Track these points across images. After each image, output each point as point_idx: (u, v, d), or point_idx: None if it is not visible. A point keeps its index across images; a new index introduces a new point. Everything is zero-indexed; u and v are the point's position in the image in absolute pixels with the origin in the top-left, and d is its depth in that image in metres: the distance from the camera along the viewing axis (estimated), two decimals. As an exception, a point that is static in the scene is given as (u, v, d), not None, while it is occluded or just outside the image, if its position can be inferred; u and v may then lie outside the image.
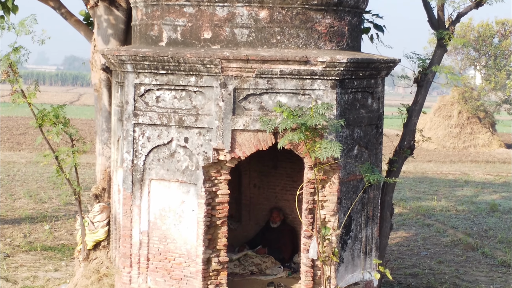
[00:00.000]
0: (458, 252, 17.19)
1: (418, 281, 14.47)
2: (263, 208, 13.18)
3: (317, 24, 10.57)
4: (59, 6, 12.59)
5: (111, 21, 11.99)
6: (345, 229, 10.80)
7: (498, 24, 51.87)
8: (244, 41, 10.39)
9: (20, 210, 20.17)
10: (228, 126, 10.12)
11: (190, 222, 10.41)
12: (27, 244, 16.30)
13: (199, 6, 10.42)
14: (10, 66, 11.03)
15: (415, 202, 23.92)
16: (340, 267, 10.81)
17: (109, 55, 10.97)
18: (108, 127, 12.18)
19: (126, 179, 10.76)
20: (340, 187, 10.57)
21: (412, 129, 12.51)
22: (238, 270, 11.91)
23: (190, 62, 10.11)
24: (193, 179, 10.33)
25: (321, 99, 10.22)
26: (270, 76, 10.13)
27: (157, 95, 10.54)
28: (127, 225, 10.82)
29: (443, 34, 12.28)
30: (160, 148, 10.53)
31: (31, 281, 13.45)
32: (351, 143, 10.71)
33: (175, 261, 10.56)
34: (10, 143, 40.24)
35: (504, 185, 29.45)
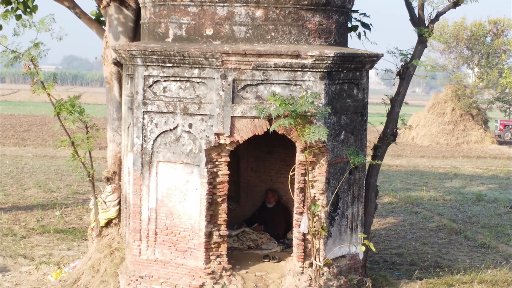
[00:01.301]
0: (442, 236, 18.40)
1: (402, 260, 15.69)
2: (260, 189, 14.41)
3: (308, 22, 11.79)
4: (73, 6, 13.80)
5: (121, 19, 13.20)
6: (333, 207, 12.02)
7: (490, 23, 53.07)
8: (242, 37, 11.61)
9: (31, 198, 21.40)
10: (228, 113, 11.34)
11: (194, 199, 11.62)
12: (40, 227, 17.54)
13: (202, 6, 11.64)
14: (31, 60, 12.19)
15: (405, 192, 25.14)
16: (329, 241, 12.02)
17: (120, 50, 12.19)
18: (118, 116, 13.39)
19: (136, 162, 11.98)
20: (328, 169, 11.79)
21: (394, 118, 13.69)
22: (237, 245, 13.13)
23: (194, 56, 11.32)
24: (196, 161, 11.54)
25: (310, 89, 11.44)
26: (265, 68, 11.35)
27: (164, 85, 11.75)
28: (137, 203, 12.04)
29: (423, 31, 13.50)
30: (166, 133, 11.74)
31: (47, 258, 14.67)
32: (338, 129, 11.93)
33: (180, 234, 11.77)
34: (15, 139, 41.34)
35: (492, 178, 30.69)
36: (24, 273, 13.66)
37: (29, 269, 13.89)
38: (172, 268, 11.78)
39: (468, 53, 53.75)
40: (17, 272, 13.76)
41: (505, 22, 52.66)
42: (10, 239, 16.27)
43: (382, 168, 32.37)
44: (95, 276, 12.58)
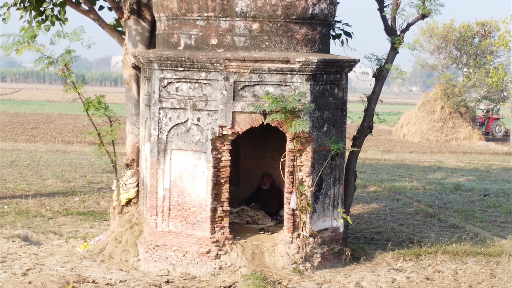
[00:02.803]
0: (418, 218, 20.77)
1: (380, 236, 18.07)
2: (256, 174, 16.81)
3: (296, 33, 14.18)
4: (98, 18, 16.17)
5: (139, 30, 15.58)
6: (317, 187, 14.40)
7: (478, 25, 55.38)
8: (241, 46, 13.99)
9: (51, 187, 23.79)
10: (230, 109, 13.72)
11: (201, 181, 14.00)
12: (64, 210, 19.92)
13: (208, 20, 14.02)
14: (65, 65, 14.55)
15: (390, 182, 27.50)
16: (314, 216, 14.42)
17: (139, 56, 14.58)
18: (136, 112, 15.76)
19: (153, 149, 14.36)
20: (313, 155, 14.18)
21: (370, 113, 16.07)
22: (237, 221, 15.51)
23: (202, 62, 13.71)
24: (203, 149, 13.93)
25: (298, 89, 13.83)
26: (260, 72, 13.74)
27: (176, 86, 14.13)
28: (154, 184, 14.42)
29: (395, 40, 15.88)
30: (179, 125, 14.11)
31: (74, 234, 17.06)
32: (321, 122, 14.32)
33: (190, 210, 14.16)
34: (25, 135, 43.60)
35: (473, 170, 33.09)
36: (56, 245, 16.04)
37: (60, 242, 16.27)
38: (183, 238, 14.17)
39: (457, 54, 56.03)
40: (50, 245, 16.14)
41: (492, 24, 54.95)
42: (39, 219, 18.66)
43: (371, 161, 35.11)
44: (117, 246, 14.96)
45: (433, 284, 13.95)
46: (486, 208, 22.66)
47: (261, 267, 13.84)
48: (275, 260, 14.07)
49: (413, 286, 13.76)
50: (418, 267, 15.03)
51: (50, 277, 13.22)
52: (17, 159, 30.59)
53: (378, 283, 13.78)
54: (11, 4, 15.52)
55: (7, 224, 17.84)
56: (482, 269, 15.08)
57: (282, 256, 14.10)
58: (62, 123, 53.60)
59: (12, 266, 14.12)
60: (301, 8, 13.99)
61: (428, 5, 15.99)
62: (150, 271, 14.12)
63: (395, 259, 15.48)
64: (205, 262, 13.90)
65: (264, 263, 13.97)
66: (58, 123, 53.65)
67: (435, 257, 15.78)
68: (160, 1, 14.44)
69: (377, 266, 14.98)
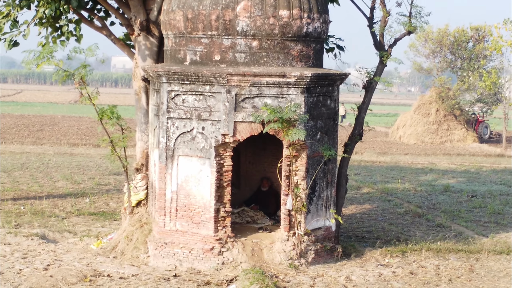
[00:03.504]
0: (407, 218, 22.17)
1: (371, 235, 19.47)
2: (256, 178, 18.21)
3: (291, 50, 15.58)
4: (110, 34, 17.56)
5: (148, 45, 16.97)
6: (311, 190, 15.80)
7: (472, 29, 56.79)
8: (242, 62, 15.39)
9: (62, 188, 25.19)
10: (231, 119, 15.11)
11: (206, 184, 15.40)
12: (76, 210, 21.32)
13: (212, 38, 15.42)
14: (81, 78, 15.93)
15: (383, 184, 28.89)
16: (308, 216, 15.81)
17: (149, 70, 15.98)
18: (145, 120, 17.15)
19: (161, 155, 15.75)
20: (307, 161, 15.57)
21: (361, 122, 17.45)
22: (238, 220, 16.91)
23: (206, 76, 15.11)
24: (207, 155, 15.32)
25: (293, 101, 15.21)
26: (259, 85, 15.13)
27: (183, 98, 15.52)
28: (162, 187, 15.81)
29: (383, 54, 17.27)
30: (185, 134, 15.50)
31: (87, 233, 18.45)
32: (315, 131, 15.72)
33: (195, 210, 15.55)
34: (31, 138, 44.82)
35: (464, 172, 34.49)
36: (71, 243, 17.44)
37: (75, 240, 17.67)
38: (189, 236, 15.56)
39: (452, 58, 57.44)
40: (66, 243, 17.54)
41: (486, 29, 56.37)
42: (54, 219, 20.07)
43: (366, 163, 36.53)
44: (129, 244, 16.36)
45: (416, 278, 15.36)
46: (472, 208, 24.07)
47: (260, 262, 15.24)
48: (272, 256, 15.46)
49: (398, 280, 15.16)
50: (404, 263, 16.43)
51: (69, 272, 14.63)
52: (27, 161, 31.98)
53: (366, 277, 15.18)
54: (30, 22, 16.87)
55: (25, 224, 19.25)
56: (462, 265, 16.48)
57: (279, 252, 15.49)
58: (66, 125, 54.87)
59: (33, 262, 15.52)
60: (297, 27, 15.39)
61: (414, 22, 17.39)
62: (159, 266, 15.51)
63: (383, 256, 16.87)
64: (209, 258, 15.30)
65: (262, 259, 15.36)
66: (62, 125, 54.91)
67: (420, 254, 17.17)
68: (168, 20, 15.84)
69: (366, 262, 16.37)
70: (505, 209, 24.06)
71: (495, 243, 18.64)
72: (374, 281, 15.00)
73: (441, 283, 15.08)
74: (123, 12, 17.49)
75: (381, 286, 14.68)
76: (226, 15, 15.22)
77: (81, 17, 17.32)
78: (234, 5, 15.19)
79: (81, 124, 56.57)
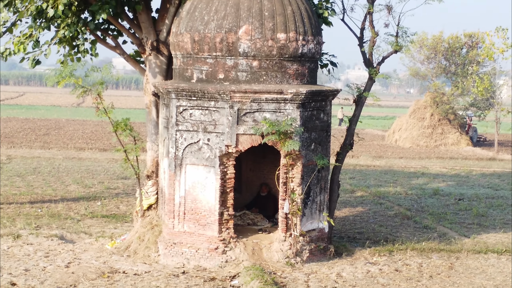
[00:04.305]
0: (396, 220, 23.86)
1: (361, 236, 21.16)
2: (256, 183, 19.91)
3: (288, 69, 17.28)
4: (123, 53, 19.25)
5: (158, 63, 18.66)
6: (306, 195, 17.49)
7: (466, 36, 58.53)
8: (243, 80, 17.09)
9: (74, 192, 26.90)
10: (234, 131, 16.81)
11: (211, 190, 17.09)
12: (89, 213, 23.01)
13: (216, 58, 17.12)
14: (98, 94, 17.61)
15: (376, 188, 30.59)
16: (303, 218, 17.50)
17: (159, 87, 17.68)
18: (155, 131, 18.83)
19: (170, 164, 17.45)
20: (302, 169, 17.26)
21: (351, 133, 19.15)
22: (239, 222, 18.60)
23: (211, 93, 16.80)
24: (212, 164, 17.01)
25: (290, 115, 16.91)
26: (259, 101, 16.82)
27: (190, 112, 17.21)
28: (171, 192, 17.50)
29: (372, 71, 18.96)
30: (192, 145, 17.19)
31: (101, 234, 20.13)
32: (309, 142, 17.41)
33: (201, 214, 17.24)
34: (39, 142, 46.32)
35: (454, 176, 36.19)
36: (87, 243, 19.13)
37: (91, 241, 19.35)
38: (196, 237, 17.25)
39: (446, 64, 59.15)
40: (82, 243, 19.22)
41: (479, 36, 58.07)
42: (70, 221, 21.76)
43: (361, 167, 38.28)
44: (141, 244, 18.05)
45: (401, 274, 17.05)
46: (458, 211, 25.78)
47: (260, 260, 16.93)
48: (271, 255, 17.14)
49: (384, 276, 16.85)
50: (390, 261, 18.13)
51: (88, 269, 16.33)
52: (38, 166, 33.67)
53: (355, 274, 16.88)
54: (50, 42, 18.53)
55: (44, 225, 20.95)
56: (443, 263, 18.17)
57: (277, 251, 17.17)
58: (71, 129, 56.46)
59: (55, 260, 17.21)
60: (293, 48, 17.09)
61: (401, 41, 19.11)
62: (169, 264, 17.20)
63: (372, 255, 18.56)
64: (214, 256, 16.99)
65: (262, 258, 17.05)
66: (68, 129, 56.50)
67: (405, 253, 18.87)
68: (177, 42, 17.55)
69: (356, 260, 18.07)
70: (489, 212, 25.76)
71: (475, 243, 20.33)
72: (362, 277, 16.68)
73: (422, 279, 16.77)
74: (134, 32, 19.15)
75: (368, 282, 16.36)
76: (229, 38, 16.91)
77: (97, 37, 18.99)
78: (236, 29, 16.89)
79: (86, 128, 58.19)
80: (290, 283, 15.95)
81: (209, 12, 17.10)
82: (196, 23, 17.19)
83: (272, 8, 17.01)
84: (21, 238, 19.01)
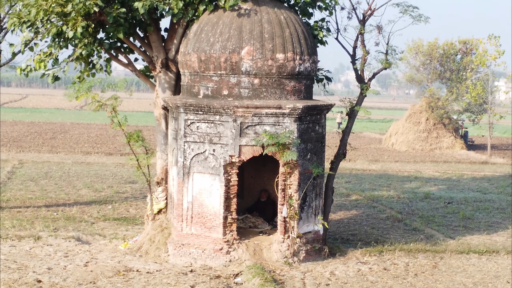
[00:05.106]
0: (388, 223, 25.56)
1: (354, 238, 22.86)
2: (257, 189, 21.64)
3: (286, 86, 18.99)
4: (134, 69, 20.97)
5: (167, 79, 20.37)
6: (302, 200, 19.19)
7: (460, 43, 60.20)
8: (246, 96, 18.80)
9: (85, 196, 28.61)
10: (237, 143, 18.52)
11: (216, 196, 18.79)
12: (101, 216, 24.73)
13: (221, 76, 18.83)
14: (113, 109, 19.31)
15: (370, 192, 32.29)
16: (300, 222, 19.20)
17: (168, 102, 19.39)
18: (164, 142, 20.54)
19: (179, 172, 19.16)
20: (299, 177, 18.96)
21: (344, 143, 20.86)
22: (242, 225, 20.31)
23: (216, 108, 18.51)
24: (217, 172, 18.71)
25: (288, 128, 18.61)
26: (260, 115, 18.53)
27: (197, 125, 18.91)
28: (180, 198, 19.21)
29: (363, 87, 20.67)
30: (199, 155, 18.89)
31: (114, 235, 21.84)
32: (305, 152, 19.12)
33: (207, 217, 18.94)
34: (47, 146, 47.84)
35: (445, 180, 37.89)
36: (102, 244, 20.83)
37: (105, 242, 21.06)
38: (202, 238, 18.96)
39: (441, 69, 60.84)
40: (97, 244, 20.92)
41: (473, 42, 59.76)
42: (84, 224, 23.49)
43: (357, 171, 40.05)
44: (152, 245, 19.75)
45: (388, 273, 18.76)
46: (446, 214, 27.49)
47: (260, 260, 18.64)
48: (271, 255, 18.85)
49: (373, 274, 18.56)
50: (379, 261, 19.83)
51: (105, 267, 18.05)
52: (49, 170, 35.39)
53: (347, 272, 18.59)
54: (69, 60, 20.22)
55: (61, 228, 22.67)
56: (428, 262, 19.88)
57: (276, 252, 18.88)
58: (76, 133, 58.02)
59: (74, 260, 18.92)
60: (290, 67, 18.81)
61: (390, 58, 20.83)
62: (178, 263, 18.90)
63: (363, 255, 20.26)
64: (219, 256, 18.69)
65: (262, 257, 18.76)
66: (73, 133, 58.05)
67: (394, 253, 20.58)
68: (185, 61, 19.27)
69: (348, 260, 19.77)
70: (475, 215, 27.48)
71: (459, 244, 22.05)
72: (353, 275, 18.39)
73: (408, 277, 18.48)
74: (145, 50, 20.84)
75: (358, 280, 18.07)
76: (233, 58, 18.62)
77: (111, 55, 20.69)
78: (239, 50, 18.60)
79: (91, 131, 59.77)
80: (288, 281, 17.64)
81: (214, 34, 18.82)
82: (202, 44, 18.90)
83: (271, 30, 18.71)
84: (42, 240, 20.72)
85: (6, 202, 26.55)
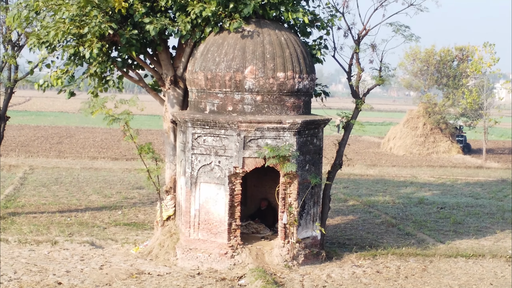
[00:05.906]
0: (382, 228, 27.04)
1: (350, 242, 24.35)
2: (259, 197, 23.14)
3: (286, 102, 20.49)
4: (145, 85, 22.48)
5: (175, 95, 21.87)
6: (301, 208, 20.69)
7: (457, 49, 61.70)
8: (249, 112, 20.30)
9: (96, 202, 30.11)
10: (241, 155, 20.02)
11: (221, 204, 20.28)
12: (112, 221, 26.23)
13: (226, 93, 20.33)
14: (126, 123, 20.80)
15: (367, 197, 33.77)
16: (299, 228, 20.70)
17: (177, 116, 20.90)
18: (173, 153, 22.03)
19: (187, 182, 20.66)
20: (298, 186, 20.46)
21: (340, 154, 22.36)
22: (245, 231, 21.79)
23: (221, 123, 20.01)
24: (222, 182, 20.21)
25: (288, 141, 20.11)
26: (262, 130, 20.03)
27: (204, 138, 20.41)
28: (188, 206, 20.71)
29: (358, 102, 22.17)
30: (205, 166, 20.39)
31: (125, 240, 23.34)
32: (304, 163, 20.62)
33: (213, 224, 20.43)
34: (54, 151, 49.25)
35: (439, 185, 39.37)
36: (114, 249, 22.32)
37: (117, 246, 22.55)
38: (208, 243, 20.45)
39: (438, 75, 62.29)
40: (110, 248, 22.41)
41: (469, 49, 61.24)
42: (96, 229, 24.98)
43: (355, 177, 41.56)
44: (161, 249, 21.24)
45: (381, 275, 20.25)
46: (438, 219, 28.97)
47: (262, 263, 20.13)
48: (272, 259, 20.35)
49: (366, 277, 20.05)
50: (373, 264, 21.32)
51: (119, 270, 19.55)
52: (59, 176, 36.90)
53: (342, 275, 20.09)
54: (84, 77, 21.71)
55: (75, 233, 24.17)
56: (418, 266, 21.37)
57: (277, 256, 20.38)
58: (82, 137, 59.46)
59: (89, 263, 20.41)
60: (290, 85, 20.32)
61: (383, 75, 22.34)
62: (186, 266, 20.39)
63: (358, 258, 21.74)
64: (224, 260, 20.19)
65: (264, 261, 20.25)
66: (79, 137, 59.45)
67: (387, 257, 22.06)
68: (192, 79, 20.78)
69: (344, 263, 21.26)
70: (466, 220, 28.98)
71: (448, 248, 23.53)
72: (348, 277, 19.88)
73: (399, 279, 19.98)
74: (154, 67, 22.33)
75: (353, 282, 19.57)
76: (237, 76, 20.13)
77: (123, 73, 22.19)
78: (243, 69, 20.11)
79: (96, 136, 61.22)
80: (288, 283, 19.13)
81: (220, 54, 20.32)
82: (208, 63, 20.41)
83: (273, 51, 20.22)
84: (58, 244, 22.22)
85: (22, 208, 28.08)
